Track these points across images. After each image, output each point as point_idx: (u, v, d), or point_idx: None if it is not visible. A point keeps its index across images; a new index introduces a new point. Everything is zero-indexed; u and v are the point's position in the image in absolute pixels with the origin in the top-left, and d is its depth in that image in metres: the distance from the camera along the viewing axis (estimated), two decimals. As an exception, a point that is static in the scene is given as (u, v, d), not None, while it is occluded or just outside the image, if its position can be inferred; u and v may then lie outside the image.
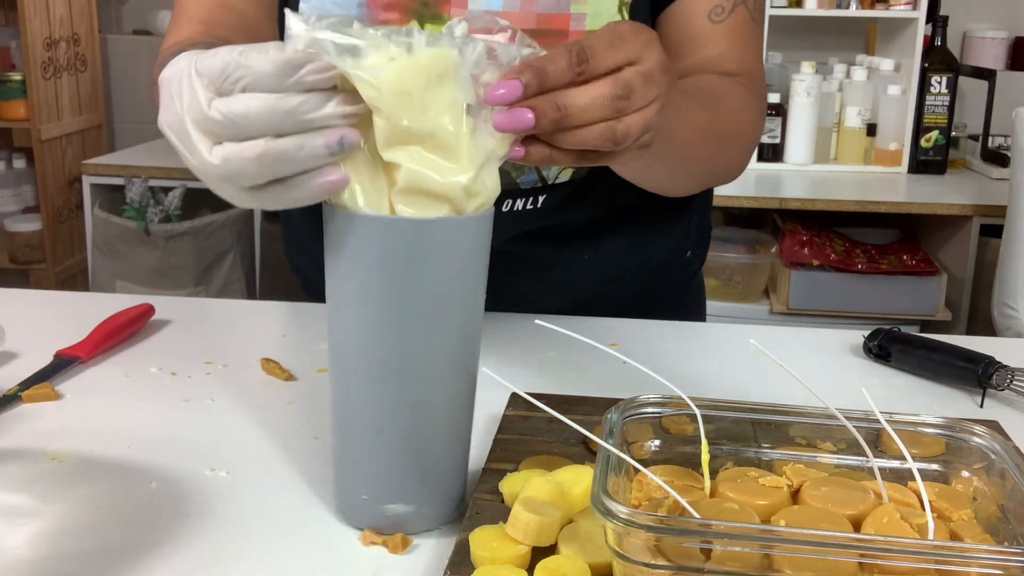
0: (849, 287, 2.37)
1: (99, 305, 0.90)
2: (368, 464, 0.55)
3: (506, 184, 0.86)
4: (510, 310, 0.93)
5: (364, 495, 0.56)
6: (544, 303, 0.92)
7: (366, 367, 0.53)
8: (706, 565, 0.45)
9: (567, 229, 0.90)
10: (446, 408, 0.56)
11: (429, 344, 0.53)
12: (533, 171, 0.85)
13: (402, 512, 0.56)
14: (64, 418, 0.70)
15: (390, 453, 0.55)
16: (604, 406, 0.62)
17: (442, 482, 0.57)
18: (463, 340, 0.55)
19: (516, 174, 0.86)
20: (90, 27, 3.19)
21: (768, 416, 0.57)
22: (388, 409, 0.54)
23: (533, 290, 0.93)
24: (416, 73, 0.50)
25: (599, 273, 0.94)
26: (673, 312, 0.97)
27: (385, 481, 0.55)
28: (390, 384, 0.53)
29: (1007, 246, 2.10)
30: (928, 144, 2.59)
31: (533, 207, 0.87)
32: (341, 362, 0.55)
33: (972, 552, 0.43)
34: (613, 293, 0.96)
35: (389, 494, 0.55)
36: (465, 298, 0.54)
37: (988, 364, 0.76)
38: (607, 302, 0.96)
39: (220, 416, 0.71)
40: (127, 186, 2.42)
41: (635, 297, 0.97)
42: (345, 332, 0.54)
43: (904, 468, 0.53)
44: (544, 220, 0.88)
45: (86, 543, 0.55)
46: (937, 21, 2.59)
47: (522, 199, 0.86)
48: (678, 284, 1.01)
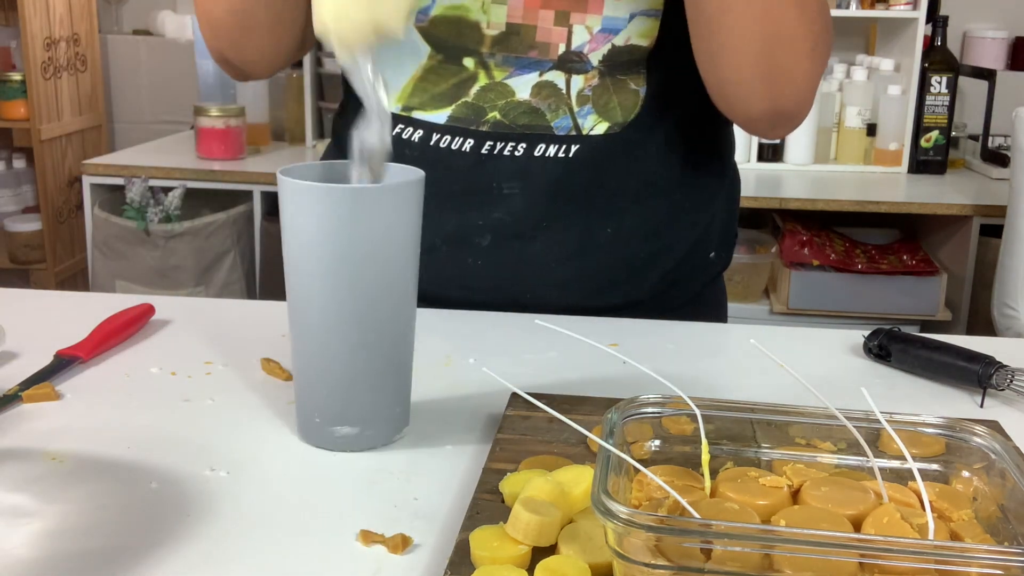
0: (849, 287, 2.37)
1: (99, 305, 0.90)
2: (320, 393, 0.65)
3: (541, 127, 0.88)
4: (528, 295, 0.93)
5: (317, 418, 0.66)
6: (563, 289, 0.92)
7: (318, 314, 0.64)
8: (706, 565, 0.45)
9: (593, 197, 0.90)
10: (386, 347, 0.65)
11: (369, 292, 0.63)
12: (568, 116, 0.87)
13: (348, 433, 0.66)
14: (64, 418, 0.70)
15: (338, 384, 0.65)
16: (604, 406, 0.62)
17: (382, 408, 0.67)
18: (399, 288, 0.65)
19: (551, 116, 0.87)
20: (90, 27, 3.19)
21: (768, 416, 0.57)
22: (336, 348, 0.64)
23: (553, 272, 0.92)
24: None
25: (620, 252, 0.93)
26: (691, 314, 0.97)
27: (334, 407, 0.66)
28: (338, 327, 0.64)
29: (1007, 246, 2.10)
30: (928, 144, 2.59)
31: (565, 155, 0.88)
32: (297, 310, 0.65)
33: (972, 552, 0.43)
34: (632, 283, 0.95)
35: (337, 418, 0.65)
36: (400, 251, 0.64)
37: (988, 364, 0.76)
38: (626, 292, 0.95)
39: (220, 416, 0.71)
40: (127, 186, 2.42)
41: (654, 291, 0.96)
42: (300, 285, 0.64)
43: (904, 468, 0.53)
44: (574, 177, 0.89)
45: (86, 543, 0.55)
46: (937, 21, 2.59)
47: (555, 145, 0.88)
48: (698, 284, 1.01)
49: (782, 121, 0.84)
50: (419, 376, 0.73)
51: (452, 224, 0.92)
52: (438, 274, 0.92)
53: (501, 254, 0.92)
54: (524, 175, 0.89)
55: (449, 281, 0.93)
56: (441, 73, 0.89)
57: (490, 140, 0.88)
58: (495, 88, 0.88)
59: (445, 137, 0.89)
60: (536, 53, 0.86)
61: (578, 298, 0.94)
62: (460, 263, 0.93)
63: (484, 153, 0.89)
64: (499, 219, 0.90)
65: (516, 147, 0.88)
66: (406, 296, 0.66)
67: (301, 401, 0.67)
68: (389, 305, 0.64)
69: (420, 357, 0.79)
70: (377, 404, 0.66)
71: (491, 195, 0.90)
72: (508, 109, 0.88)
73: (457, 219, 0.91)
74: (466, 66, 0.88)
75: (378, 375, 0.66)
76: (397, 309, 0.65)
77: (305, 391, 0.67)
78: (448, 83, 0.89)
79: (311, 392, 0.66)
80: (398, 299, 0.65)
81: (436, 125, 0.90)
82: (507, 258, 0.92)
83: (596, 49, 0.86)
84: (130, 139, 3.23)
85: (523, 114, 0.88)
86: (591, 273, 0.93)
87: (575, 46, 0.86)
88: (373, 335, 0.64)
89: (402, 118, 0.91)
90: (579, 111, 0.88)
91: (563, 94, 0.87)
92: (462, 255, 0.92)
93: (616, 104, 0.88)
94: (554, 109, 0.87)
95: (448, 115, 0.89)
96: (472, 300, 0.93)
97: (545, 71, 0.87)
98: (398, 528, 0.57)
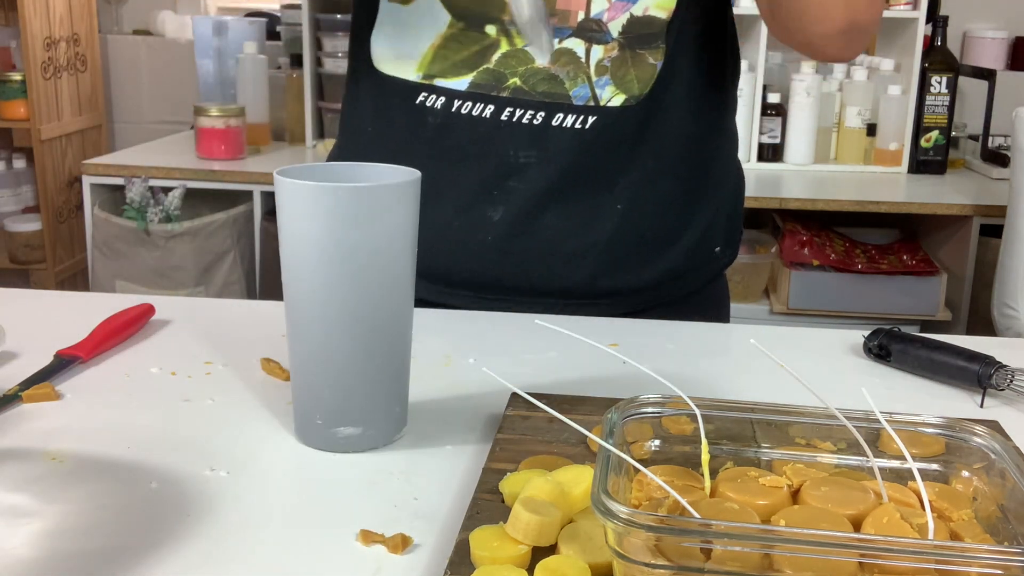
0: (849, 287, 2.37)
1: (99, 305, 0.90)
2: (321, 394, 0.65)
3: (559, 95, 0.90)
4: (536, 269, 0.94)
5: (318, 420, 0.65)
6: (570, 264, 0.93)
7: (317, 315, 0.63)
8: (706, 565, 0.45)
9: (605, 171, 0.92)
10: (385, 346, 0.65)
11: (367, 292, 0.63)
12: (586, 84, 0.89)
13: (350, 433, 0.65)
14: (64, 418, 0.70)
15: (339, 384, 0.65)
16: (604, 406, 0.62)
17: (384, 408, 0.66)
18: (397, 287, 0.65)
19: (570, 84, 0.89)
20: (90, 27, 3.19)
21: (768, 416, 0.57)
22: (337, 347, 0.64)
23: (562, 246, 0.93)
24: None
25: (628, 230, 0.94)
26: (695, 310, 0.98)
27: (335, 407, 0.65)
28: (338, 327, 0.63)
29: (1007, 246, 2.10)
30: (928, 144, 2.59)
31: (582, 127, 0.90)
32: (296, 310, 0.65)
33: (972, 552, 0.43)
34: (639, 266, 0.96)
35: (339, 418, 0.65)
36: (397, 251, 0.63)
37: (988, 364, 0.76)
38: (633, 275, 0.96)
39: (220, 416, 0.71)
40: (127, 186, 2.42)
41: (660, 280, 0.97)
42: (297, 287, 0.64)
43: (904, 468, 0.53)
44: (588, 149, 0.90)
45: (86, 543, 0.55)
46: (937, 21, 2.59)
47: (572, 115, 0.89)
48: (703, 279, 1.02)
49: (857, 36, 0.86)
50: (419, 376, 0.73)
51: (468, 193, 0.93)
52: (449, 250, 0.94)
53: (512, 225, 0.93)
54: (541, 144, 0.91)
55: (459, 257, 0.94)
56: (463, 40, 0.90)
57: (509, 107, 0.90)
58: (516, 55, 0.90)
59: (467, 103, 0.91)
60: (556, 20, 0.88)
61: (585, 276, 0.95)
62: (471, 237, 0.94)
63: (503, 120, 0.90)
64: (513, 187, 0.92)
65: (535, 116, 0.90)
66: (404, 295, 0.66)
67: (300, 403, 0.67)
68: (387, 304, 0.64)
69: (420, 357, 0.79)
70: (378, 404, 0.66)
71: (507, 163, 0.91)
72: (528, 75, 0.90)
73: (473, 186, 0.93)
74: (488, 33, 0.90)
75: (378, 374, 0.66)
76: (395, 308, 0.65)
77: (305, 393, 0.66)
78: (470, 50, 0.90)
79: (311, 393, 0.66)
80: (396, 298, 0.65)
81: (457, 92, 0.91)
82: (517, 229, 0.93)
83: (615, 18, 0.88)
84: (130, 139, 3.23)
85: (542, 80, 0.90)
86: (600, 249, 0.94)
87: (594, 14, 0.88)
88: (372, 335, 0.64)
89: (424, 86, 0.92)
90: (597, 81, 0.90)
91: (582, 62, 0.89)
92: (473, 229, 0.94)
93: (633, 76, 0.90)
94: (573, 77, 0.89)
95: (469, 81, 0.91)
96: (482, 278, 0.95)
97: (564, 38, 0.89)
98: (398, 528, 0.57)
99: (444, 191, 0.93)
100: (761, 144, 2.61)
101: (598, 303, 0.96)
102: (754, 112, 2.57)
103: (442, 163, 0.92)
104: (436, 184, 0.90)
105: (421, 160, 0.80)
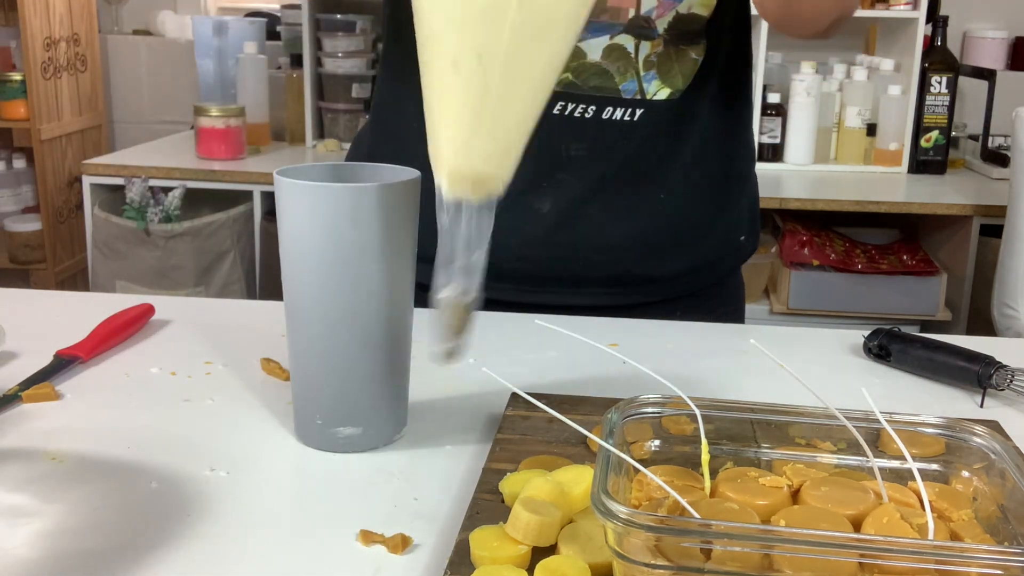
0: (849, 287, 2.37)
1: (99, 305, 0.90)
2: (321, 394, 0.65)
3: (609, 89, 0.91)
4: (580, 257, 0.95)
5: (318, 420, 0.65)
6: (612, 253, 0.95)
7: (319, 314, 0.63)
8: (706, 565, 0.45)
9: (649, 161, 0.94)
10: (386, 344, 0.65)
11: (369, 290, 0.63)
12: (634, 79, 0.90)
13: (351, 433, 0.65)
14: (64, 418, 0.70)
15: (340, 384, 0.65)
16: (604, 406, 0.62)
17: (383, 408, 0.66)
18: (398, 285, 0.65)
19: (619, 79, 0.91)
20: (90, 27, 3.19)
21: (768, 416, 0.57)
22: (337, 348, 0.64)
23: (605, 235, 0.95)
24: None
25: (670, 218, 0.96)
26: (716, 302, 1.01)
27: (335, 407, 0.65)
28: (338, 327, 0.63)
29: (1007, 246, 2.10)
30: (928, 144, 2.59)
31: (630, 119, 0.91)
32: (296, 310, 0.64)
33: (972, 552, 0.43)
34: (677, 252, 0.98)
35: (340, 419, 0.65)
36: (396, 250, 0.63)
37: (988, 364, 0.76)
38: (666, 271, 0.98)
39: (220, 416, 0.71)
40: (127, 186, 2.42)
41: (691, 267, 0.99)
42: (297, 287, 0.64)
43: (904, 468, 0.53)
44: (635, 141, 0.92)
45: (86, 543, 0.55)
46: (937, 21, 2.59)
47: (621, 109, 0.91)
48: (728, 267, 1.04)
49: (839, 25, 0.88)
50: (419, 376, 0.73)
51: (517, 187, 0.93)
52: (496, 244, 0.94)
53: (559, 217, 0.94)
54: (591, 137, 0.92)
55: (506, 253, 0.95)
56: None
57: (562, 100, 0.91)
58: None
59: None
60: (607, 16, 0.89)
61: (624, 265, 0.97)
62: (519, 231, 0.95)
63: (555, 114, 0.91)
64: (562, 179, 0.93)
65: (587, 109, 0.91)
66: (404, 295, 0.66)
67: (300, 404, 0.67)
68: (387, 304, 0.64)
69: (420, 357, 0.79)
70: (379, 404, 0.66)
71: (559, 156, 0.93)
72: (580, 70, 0.91)
73: (524, 181, 0.93)
74: None
75: (379, 374, 0.66)
76: (395, 308, 0.65)
77: (305, 393, 0.66)
78: None
79: (312, 394, 0.66)
80: (396, 298, 0.65)
81: None
82: (564, 221, 0.94)
83: (663, 15, 0.90)
84: (130, 139, 3.23)
85: (594, 75, 0.91)
86: (641, 239, 0.96)
87: (644, 11, 0.89)
88: (372, 335, 0.64)
89: None
90: (645, 76, 0.91)
91: (631, 58, 0.91)
92: (521, 223, 0.95)
93: (678, 71, 0.92)
94: (622, 72, 0.91)
95: None
96: (525, 271, 0.96)
97: (615, 34, 0.90)
98: (398, 528, 0.57)
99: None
100: (761, 144, 2.61)
101: (631, 291, 0.98)
102: (754, 112, 2.58)
103: None
104: None
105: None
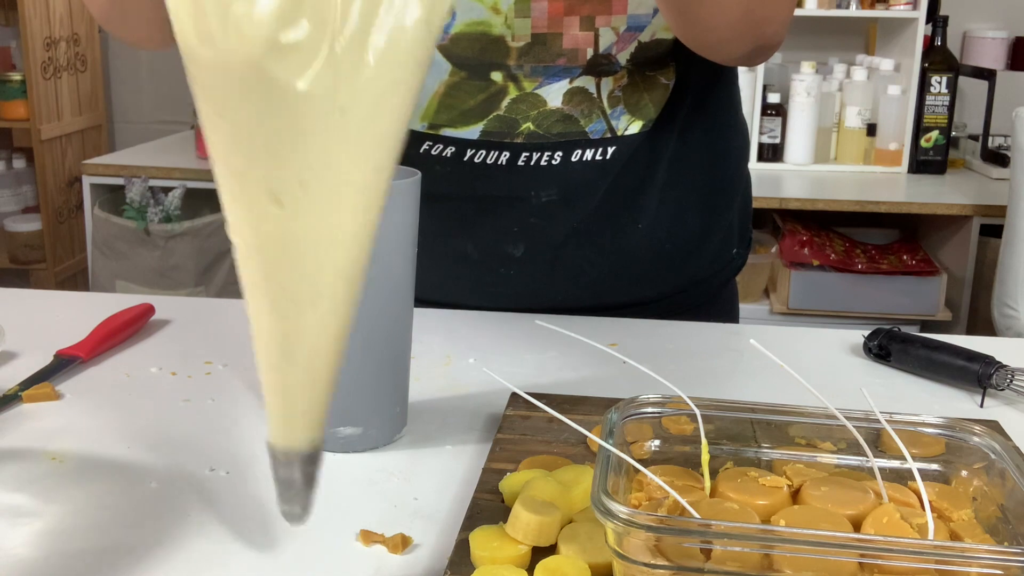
0: (849, 287, 2.37)
1: (99, 305, 0.90)
2: None
3: (575, 134, 0.88)
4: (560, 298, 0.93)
5: None
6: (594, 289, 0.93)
7: None
8: (706, 565, 0.45)
9: (627, 194, 0.90)
10: (386, 346, 0.66)
11: (369, 291, 0.62)
12: (601, 119, 0.87)
13: (351, 433, 0.65)
14: (64, 418, 0.70)
15: (339, 384, 0.64)
16: (604, 406, 0.62)
17: (384, 408, 0.67)
18: (400, 287, 0.65)
19: (585, 122, 0.87)
20: (90, 27, 3.19)
21: (768, 416, 0.57)
22: None
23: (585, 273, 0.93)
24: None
25: (652, 246, 0.93)
26: (708, 312, 0.98)
27: (335, 407, 0.63)
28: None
29: (1007, 246, 2.10)
30: (928, 144, 2.59)
31: (602, 158, 0.88)
32: None
33: (972, 552, 0.43)
34: (663, 276, 0.96)
35: (340, 419, 0.65)
36: (397, 251, 0.64)
37: (988, 364, 0.76)
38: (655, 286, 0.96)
39: (220, 416, 0.71)
40: (127, 186, 2.42)
41: (681, 286, 0.97)
42: None
43: (904, 468, 0.53)
44: (610, 177, 0.89)
45: (86, 543, 0.55)
46: (937, 21, 2.59)
47: (591, 149, 0.88)
48: (718, 282, 1.01)
49: (762, 54, 0.81)
50: (419, 376, 0.73)
51: (486, 231, 0.92)
52: (470, 287, 0.93)
53: (533, 262, 0.92)
54: (561, 181, 0.89)
55: (479, 293, 0.94)
56: (467, 89, 0.87)
57: (526, 151, 0.88)
58: (526, 99, 0.87)
59: (480, 152, 0.88)
60: (564, 60, 0.85)
61: (612, 296, 0.94)
62: (492, 272, 0.93)
63: (520, 164, 0.88)
64: (534, 224, 0.90)
65: (553, 155, 0.88)
66: (404, 295, 0.66)
67: None
68: (387, 304, 0.65)
69: (420, 357, 0.79)
70: (379, 404, 0.66)
71: (528, 203, 0.89)
72: (541, 119, 0.87)
73: (492, 225, 0.91)
74: (494, 80, 0.86)
75: (379, 374, 0.66)
76: (395, 308, 0.65)
77: None
78: (476, 99, 0.87)
79: None
80: (396, 298, 0.65)
81: (469, 141, 0.88)
82: (539, 265, 0.92)
83: (624, 49, 0.85)
84: (130, 139, 3.24)
85: (557, 122, 0.87)
86: (623, 270, 0.93)
87: (603, 49, 0.85)
88: (372, 335, 0.64)
89: (430, 136, 0.89)
90: (612, 112, 0.87)
91: (595, 98, 0.87)
92: (495, 265, 0.92)
93: (648, 101, 0.89)
94: (587, 114, 0.87)
95: (480, 130, 0.88)
96: (503, 307, 0.93)
97: (575, 77, 0.86)
98: (398, 528, 0.57)
99: (461, 231, 0.91)
100: (761, 144, 2.61)
101: (620, 312, 0.95)
102: (754, 112, 2.57)
103: (464, 208, 0.91)
104: (453, 229, 0.90)
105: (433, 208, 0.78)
